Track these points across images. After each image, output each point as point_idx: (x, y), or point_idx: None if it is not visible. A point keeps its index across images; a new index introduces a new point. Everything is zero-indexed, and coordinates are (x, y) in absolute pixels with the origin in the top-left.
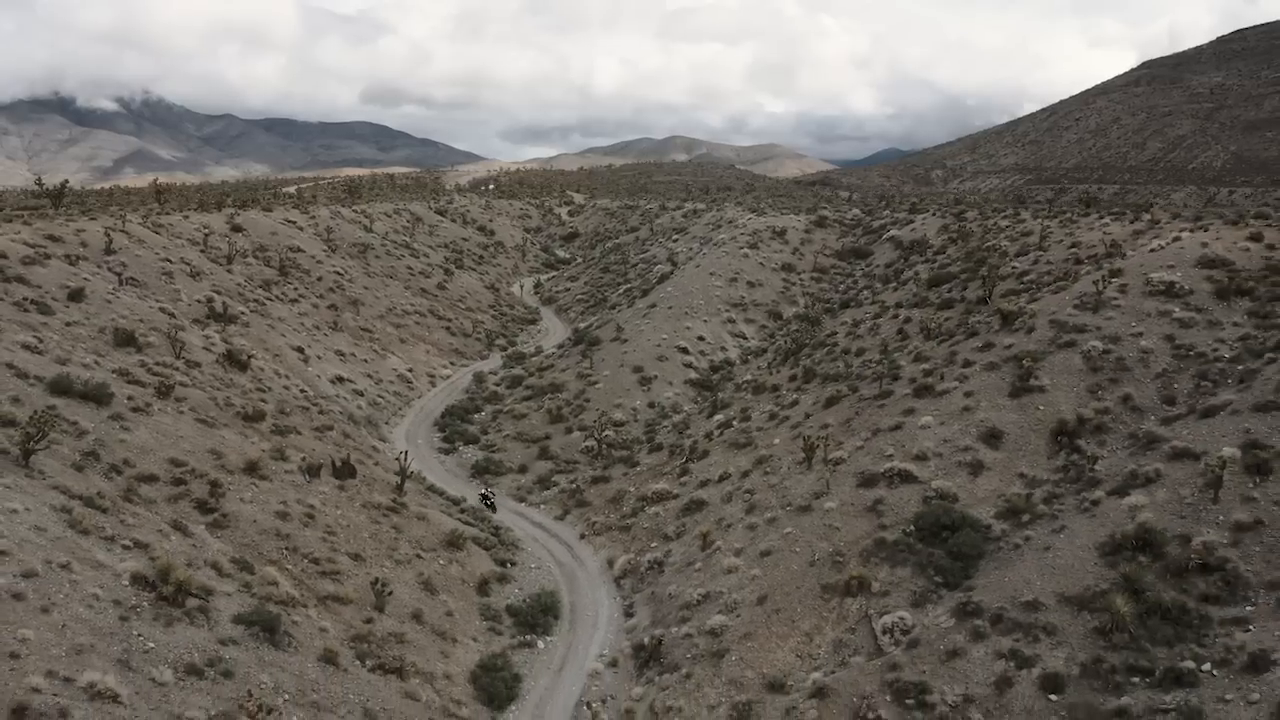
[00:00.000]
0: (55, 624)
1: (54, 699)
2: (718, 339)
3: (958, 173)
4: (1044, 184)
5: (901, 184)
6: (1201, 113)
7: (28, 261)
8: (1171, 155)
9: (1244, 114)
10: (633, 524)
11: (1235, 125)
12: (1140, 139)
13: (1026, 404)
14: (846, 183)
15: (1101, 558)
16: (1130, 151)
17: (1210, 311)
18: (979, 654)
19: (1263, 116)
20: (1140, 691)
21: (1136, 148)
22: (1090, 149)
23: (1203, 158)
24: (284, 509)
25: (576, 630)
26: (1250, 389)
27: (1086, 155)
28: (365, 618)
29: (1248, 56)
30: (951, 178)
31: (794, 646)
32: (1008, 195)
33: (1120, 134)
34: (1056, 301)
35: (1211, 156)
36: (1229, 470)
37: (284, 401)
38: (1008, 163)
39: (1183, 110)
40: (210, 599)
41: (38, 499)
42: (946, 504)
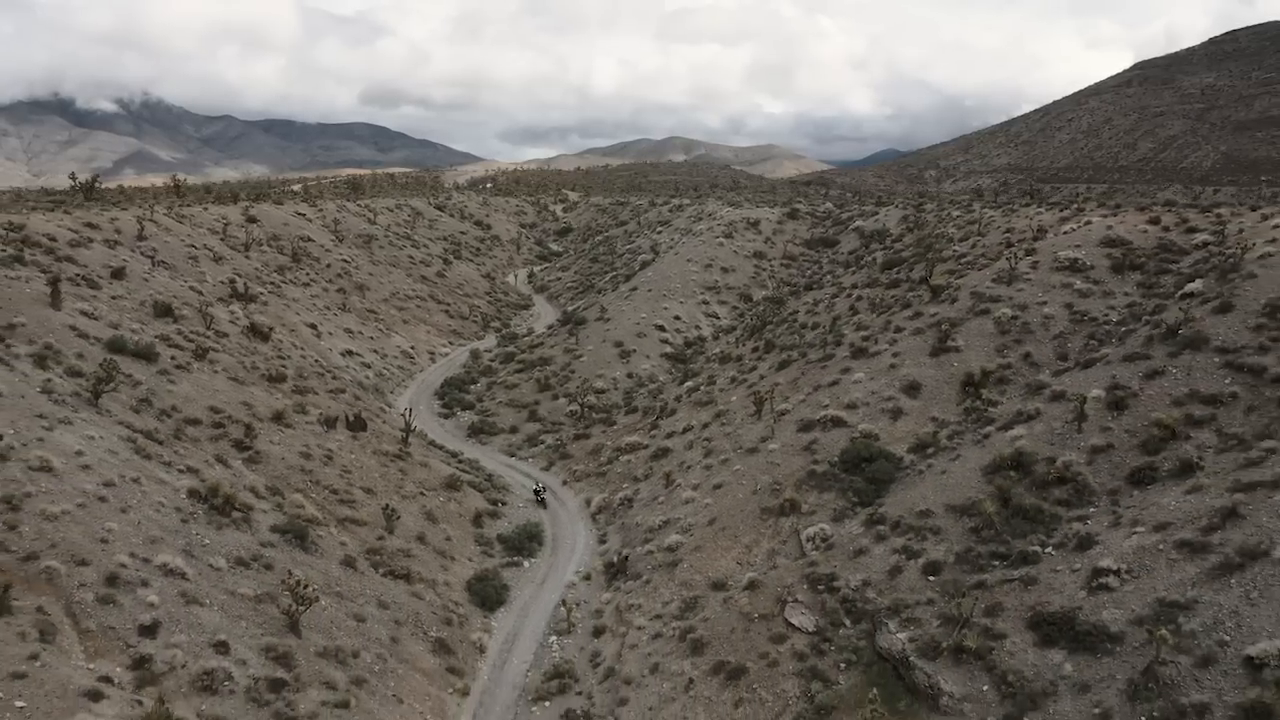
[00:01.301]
0: (133, 520)
1: (136, 573)
2: (692, 318)
3: (951, 173)
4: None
5: (895, 184)
6: (1193, 113)
7: (74, 244)
8: (1162, 155)
9: (1234, 114)
10: (608, 470)
11: (1226, 125)
12: (1132, 139)
13: (943, 361)
14: (841, 183)
15: (984, 476)
16: (1121, 151)
17: (1106, 283)
18: (879, 551)
19: (1253, 117)
20: (998, 570)
21: (1128, 148)
22: (1082, 149)
23: (1193, 157)
24: (306, 451)
25: (557, 554)
26: (1124, 344)
27: (1078, 155)
28: (377, 536)
29: (1239, 57)
30: (945, 178)
31: (735, 556)
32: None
33: (1112, 134)
34: (979, 277)
35: (1201, 156)
36: (1092, 406)
37: (301, 368)
38: (1000, 163)
39: (1174, 111)
40: (250, 513)
41: (108, 430)
42: (869, 442)
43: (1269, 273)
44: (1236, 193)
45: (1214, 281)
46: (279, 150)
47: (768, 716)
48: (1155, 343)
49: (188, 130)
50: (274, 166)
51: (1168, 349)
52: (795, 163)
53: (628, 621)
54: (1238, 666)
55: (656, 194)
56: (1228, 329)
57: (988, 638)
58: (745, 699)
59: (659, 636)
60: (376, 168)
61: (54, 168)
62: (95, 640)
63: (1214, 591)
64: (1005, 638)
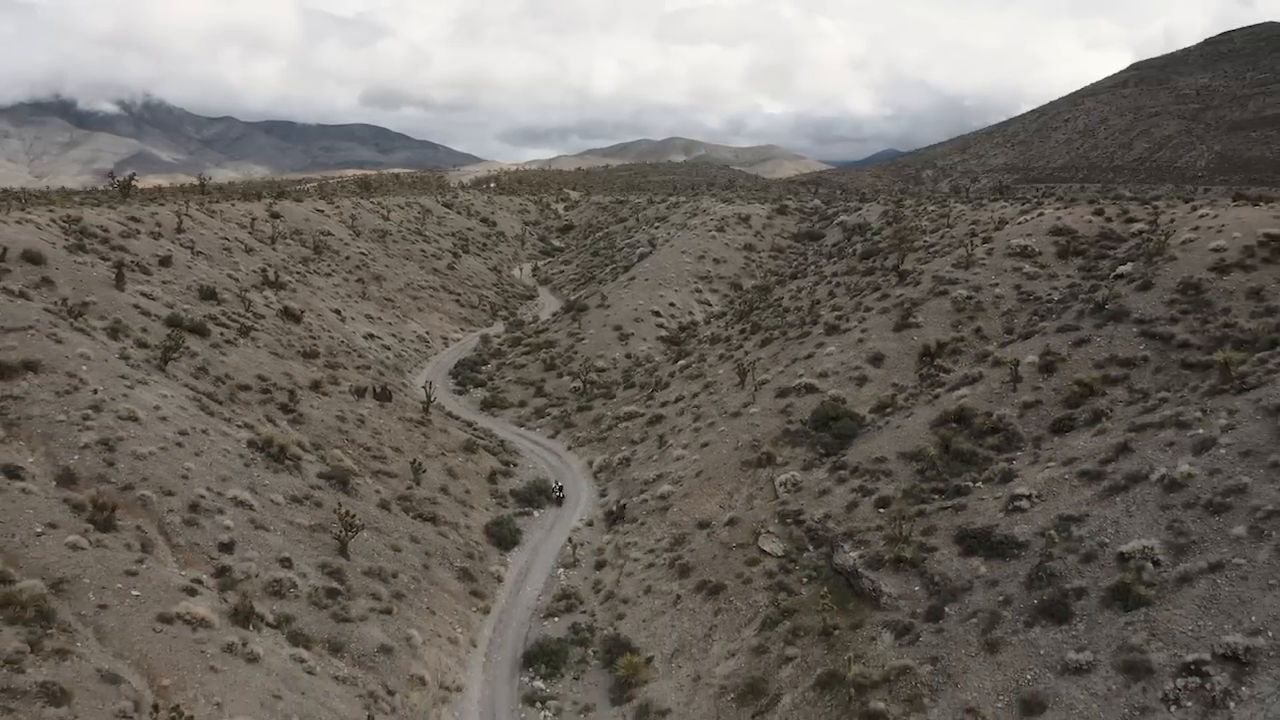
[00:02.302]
0: (205, 462)
1: (212, 502)
2: (686, 305)
3: (948, 173)
4: (1030, 183)
5: (893, 184)
6: (1188, 113)
7: (124, 235)
8: (1157, 155)
9: (1229, 114)
10: (608, 436)
11: (1220, 125)
12: (1127, 139)
13: (905, 336)
14: (838, 183)
15: (931, 429)
16: (1117, 151)
17: (1051, 267)
18: (840, 491)
19: (1247, 117)
20: (936, 502)
21: (1123, 148)
22: (1078, 149)
23: (1187, 157)
24: (341, 414)
25: (563, 506)
26: (1059, 318)
27: (1074, 155)
28: (406, 486)
29: (1234, 58)
30: (942, 177)
31: (719, 501)
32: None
33: (1108, 134)
34: (941, 263)
35: (1196, 156)
36: (1025, 370)
37: (330, 347)
38: (997, 163)
39: (1169, 111)
40: (299, 462)
41: (176, 391)
42: (836, 404)
43: (1187, 256)
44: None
45: (1141, 264)
46: (280, 151)
47: (742, 621)
48: (1085, 316)
49: (189, 131)
50: (275, 168)
51: (1095, 321)
52: (795, 163)
53: (625, 555)
54: (1111, 561)
55: (655, 193)
56: (1146, 304)
57: (922, 551)
58: (724, 609)
59: (652, 566)
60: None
61: (55, 169)
62: (184, 553)
63: (1102, 507)
64: (936, 550)
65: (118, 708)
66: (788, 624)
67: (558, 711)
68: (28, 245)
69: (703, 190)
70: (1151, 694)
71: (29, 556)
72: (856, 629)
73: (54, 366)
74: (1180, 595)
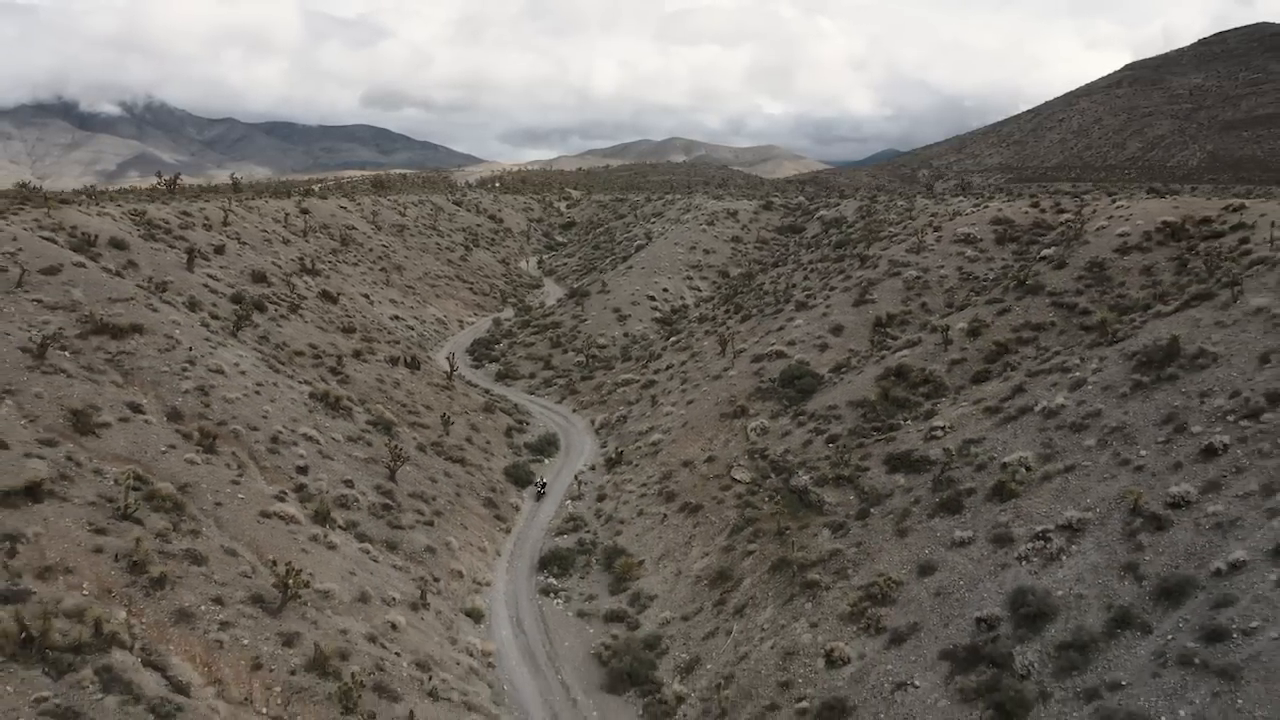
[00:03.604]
0: (279, 406)
1: (288, 437)
2: (678, 290)
3: (943, 172)
4: (1023, 182)
5: (888, 183)
6: (1181, 113)
7: (182, 227)
8: (1150, 154)
9: (1221, 114)
10: (608, 399)
11: (1213, 125)
12: (1120, 139)
13: (862, 310)
14: (835, 182)
15: (875, 382)
16: (1110, 151)
17: (989, 252)
18: (798, 432)
19: (1239, 116)
20: (873, 436)
21: (1116, 147)
22: (1072, 149)
23: (1179, 156)
24: (380, 378)
25: (569, 455)
26: (990, 293)
27: (1068, 155)
28: (438, 435)
29: (1227, 58)
30: (937, 177)
31: (700, 445)
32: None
33: (1101, 134)
34: (897, 249)
35: (1188, 155)
36: (956, 334)
37: (364, 325)
38: (992, 162)
39: (1163, 111)
40: (351, 411)
41: (248, 353)
42: (801, 366)
43: (1098, 240)
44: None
45: (1061, 248)
46: (281, 152)
47: (715, 531)
48: (1009, 291)
49: (190, 133)
50: (276, 168)
51: (1016, 295)
52: (795, 163)
53: (622, 489)
54: (996, 469)
55: (653, 191)
56: (1059, 279)
57: (857, 471)
58: (701, 523)
59: (644, 495)
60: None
61: (58, 170)
62: (270, 473)
63: (996, 432)
64: (868, 470)
65: (240, 570)
66: (750, 529)
67: (567, 599)
68: (112, 234)
69: (696, 188)
70: (1010, 555)
71: (159, 467)
72: (803, 529)
73: (154, 329)
74: (1041, 489)
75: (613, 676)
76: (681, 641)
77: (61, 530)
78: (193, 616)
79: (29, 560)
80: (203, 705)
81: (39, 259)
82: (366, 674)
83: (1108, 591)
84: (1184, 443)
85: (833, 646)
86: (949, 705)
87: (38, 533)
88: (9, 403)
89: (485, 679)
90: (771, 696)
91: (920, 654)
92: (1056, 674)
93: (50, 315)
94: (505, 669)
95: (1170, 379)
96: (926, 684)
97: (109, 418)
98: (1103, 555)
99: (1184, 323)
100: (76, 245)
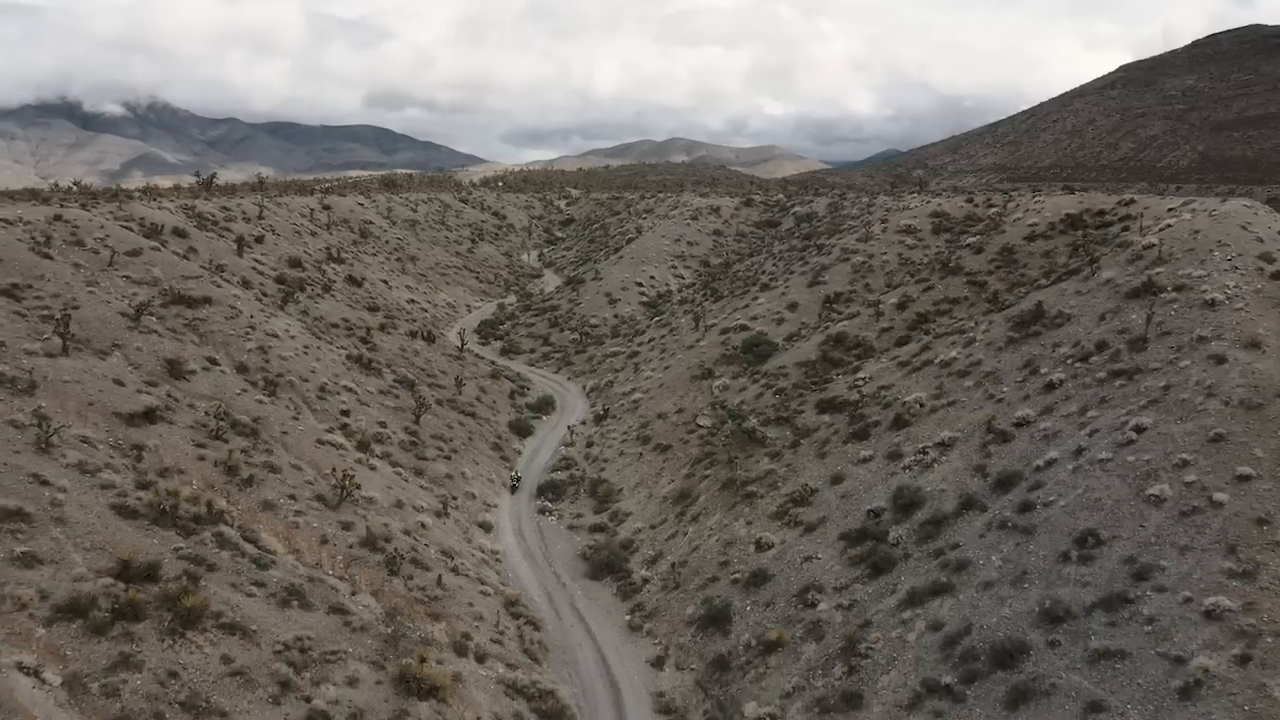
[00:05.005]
0: (324, 364)
1: (332, 387)
2: (663, 278)
3: (938, 172)
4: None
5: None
6: (1173, 114)
7: (226, 219)
8: (1142, 155)
9: (1213, 115)
10: (598, 368)
11: (1204, 126)
12: (1113, 139)
13: (815, 290)
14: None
15: (818, 348)
16: (1103, 151)
17: (926, 240)
18: (753, 388)
19: (1230, 117)
20: (811, 387)
21: (1109, 148)
22: (1065, 149)
23: (1170, 157)
24: (402, 347)
25: (564, 414)
26: (919, 275)
27: (1061, 155)
28: (453, 394)
29: (1220, 60)
30: (932, 177)
31: (673, 402)
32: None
33: (1095, 135)
34: (849, 239)
35: (1179, 156)
36: (886, 308)
37: (385, 305)
38: (986, 162)
39: (1155, 112)
40: (380, 372)
41: (294, 322)
42: (760, 336)
43: (1012, 229)
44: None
45: (982, 237)
46: (283, 153)
47: (680, 464)
48: (935, 272)
49: (193, 133)
50: (279, 169)
51: (940, 275)
52: (795, 163)
53: (607, 437)
54: (899, 406)
55: (647, 189)
56: (975, 262)
57: (795, 414)
58: (669, 458)
59: (625, 440)
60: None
61: (61, 170)
62: (319, 415)
63: (903, 380)
64: (803, 412)
65: (305, 479)
66: (708, 460)
67: (559, 517)
68: (173, 224)
69: (689, 186)
70: (898, 466)
71: (236, 405)
72: (749, 458)
73: (219, 301)
74: (928, 419)
75: (594, 568)
76: (649, 543)
77: (172, 444)
78: (274, 506)
79: (152, 463)
80: (287, 564)
81: (123, 243)
82: (405, 552)
83: (961, 485)
84: (1034, 381)
85: (761, 536)
86: (840, 568)
87: (156, 444)
88: (117, 354)
89: (494, 568)
90: (713, 572)
91: (825, 537)
92: (917, 542)
93: (137, 289)
94: (510, 563)
95: (1035, 335)
96: (826, 556)
97: (194, 367)
98: (963, 461)
99: (1054, 293)
100: (147, 233)
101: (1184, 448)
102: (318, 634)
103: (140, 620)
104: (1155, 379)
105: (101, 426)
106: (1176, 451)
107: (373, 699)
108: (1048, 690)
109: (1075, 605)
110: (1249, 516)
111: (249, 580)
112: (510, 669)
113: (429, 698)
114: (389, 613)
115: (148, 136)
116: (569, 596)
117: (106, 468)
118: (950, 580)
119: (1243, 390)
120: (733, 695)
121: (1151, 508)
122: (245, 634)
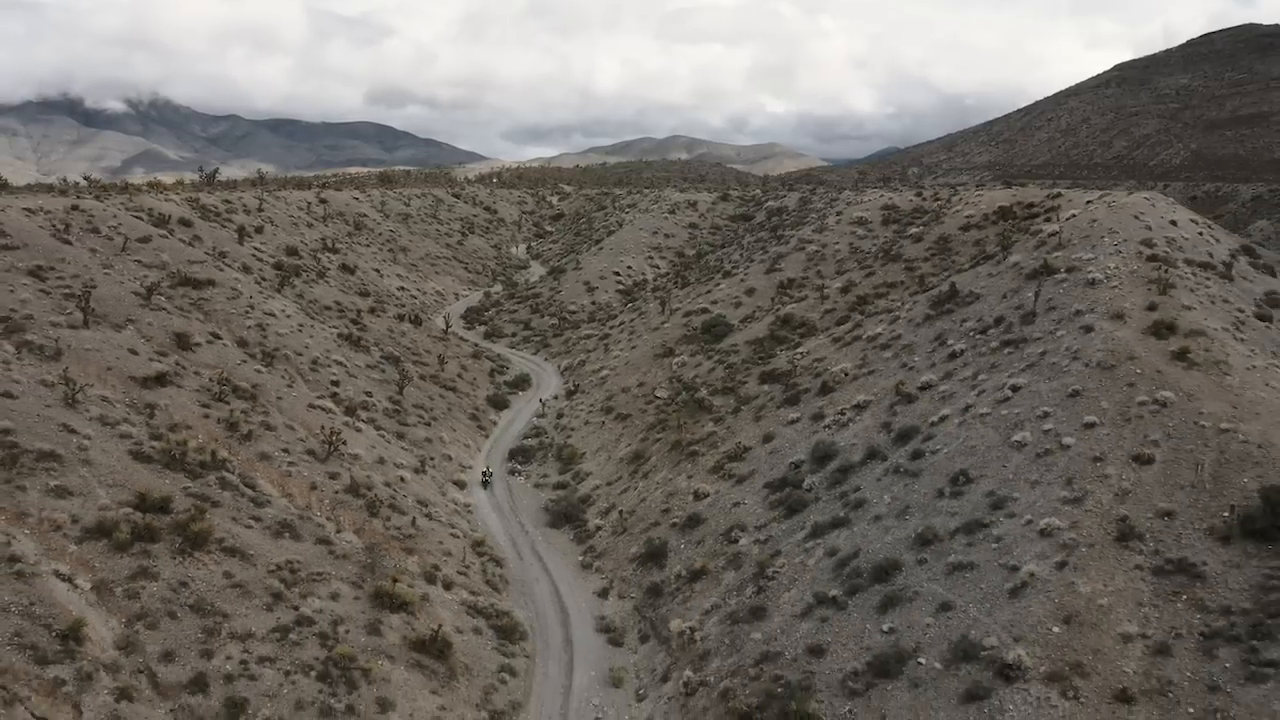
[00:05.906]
0: (316, 341)
1: (324, 361)
2: (640, 268)
3: (933, 170)
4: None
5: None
6: (1167, 113)
7: (228, 211)
8: (1135, 153)
9: (1206, 114)
10: (573, 349)
11: (1198, 125)
12: (1107, 138)
13: (772, 276)
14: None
15: (768, 327)
16: (1097, 150)
17: (875, 231)
18: (707, 364)
19: (1224, 116)
20: (757, 361)
21: (1103, 146)
22: (1059, 147)
23: (1163, 155)
24: (390, 329)
25: (540, 389)
26: (865, 262)
27: (1055, 153)
28: (435, 370)
29: (1214, 59)
30: (926, 174)
31: (637, 377)
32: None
33: (1089, 133)
34: (806, 230)
35: (1172, 154)
36: (831, 291)
37: (376, 292)
38: (980, 160)
39: (1149, 110)
40: (369, 349)
41: (290, 304)
42: (718, 318)
43: (950, 220)
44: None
45: (923, 228)
46: (285, 149)
47: (637, 430)
48: (878, 259)
49: (195, 130)
50: (280, 165)
51: (882, 262)
52: (796, 161)
53: (576, 410)
54: (826, 374)
55: (637, 185)
56: (915, 250)
57: (739, 384)
58: (628, 426)
59: (590, 411)
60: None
61: (63, 167)
62: (311, 384)
63: (834, 353)
64: (746, 383)
65: (298, 436)
66: (660, 426)
67: (527, 477)
68: (180, 215)
69: (676, 181)
70: (820, 425)
71: (237, 373)
72: (697, 424)
73: (222, 283)
74: (850, 385)
75: (554, 517)
76: (605, 498)
77: (181, 404)
78: (270, 457)
79: (163, 419)
80: (281, 505)
81: (134, 231)
82: (385, 499)
83: (869, 440)
84: (941, 351)
85: (699, 488)
86: (762, 511)
87: (166, 404)
88: (131, 328)
89: (465, 518)
90: (656, 519)
91: (752, 486)
92: (827, 488)
93: (148, 271)
94: (480, 514)
95: (948, 312)
96: (752, 502)
97: (200, 340)
98: (873, 420)
99: (970, 276)
100: (155, 222)
101: (1047, 402)
102: (306, 559)
103: (156, 541)
104: (1036, 347)
105: (119, 388)
106: (1040, 405)
107: (352, 610)
108: (911, 597)
109: (943, 531)
110: (1087, 455)
111: (247, 515)
112: (473, 595)
113: (400, 611)
114: (368, 546)
115: (149, 133)
116: (530, 541)
117: (124, 421)
118: (848, 515)
119: (1101, 354)
120: (662, 615)
121: (1014, 451)
122: (244, 556)
